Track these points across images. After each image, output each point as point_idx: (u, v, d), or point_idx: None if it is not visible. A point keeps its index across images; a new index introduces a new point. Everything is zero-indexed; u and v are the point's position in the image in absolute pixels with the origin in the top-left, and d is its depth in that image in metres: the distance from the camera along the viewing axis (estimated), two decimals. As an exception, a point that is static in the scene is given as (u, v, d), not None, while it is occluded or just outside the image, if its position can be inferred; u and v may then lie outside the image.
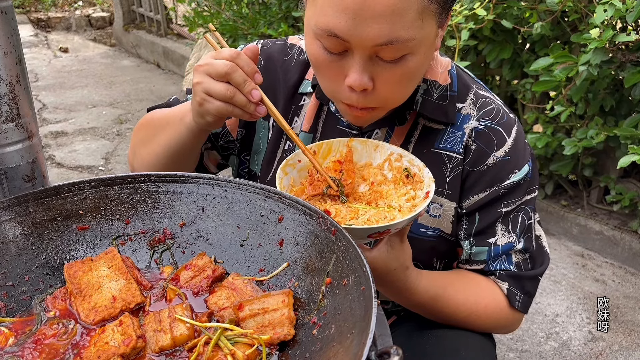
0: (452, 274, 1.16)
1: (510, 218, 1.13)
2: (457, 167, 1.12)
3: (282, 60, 1.22)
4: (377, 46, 0.91)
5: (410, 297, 1.08)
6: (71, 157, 4.12)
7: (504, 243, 1.12)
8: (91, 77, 6.02)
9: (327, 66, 0.98)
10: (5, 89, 0.96)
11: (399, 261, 1.00)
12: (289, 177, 1.03)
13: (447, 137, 1.12)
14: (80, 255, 0.91)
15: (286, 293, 0.81)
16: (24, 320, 0.81)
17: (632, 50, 2.40)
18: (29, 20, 8.03)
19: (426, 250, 1.15)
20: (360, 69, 0.94)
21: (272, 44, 1.25)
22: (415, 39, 0.92)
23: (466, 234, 1.14)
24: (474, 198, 1.12)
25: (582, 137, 2.68)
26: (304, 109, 1.20)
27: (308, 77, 1.20)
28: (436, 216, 1.13)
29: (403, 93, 1.03)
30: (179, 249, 0.94)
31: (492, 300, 1.13)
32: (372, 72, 0.95)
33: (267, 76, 1.21)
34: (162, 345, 0.76)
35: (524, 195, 1.13)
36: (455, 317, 1.12)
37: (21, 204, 0.89)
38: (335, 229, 0.80)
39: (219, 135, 1.25)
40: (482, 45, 2.97)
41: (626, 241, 2.87)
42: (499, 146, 1.11)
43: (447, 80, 1.13)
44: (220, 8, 4.21)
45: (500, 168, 1.11)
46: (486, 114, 1.12)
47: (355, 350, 0.63)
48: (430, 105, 1.11)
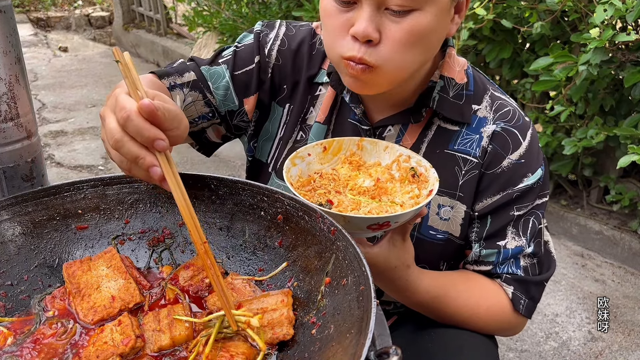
0: (456, 275, 1.15)
1: (521, 222, 1.12)
2: (473, 171, 1.10)
3: (308, 46, 1.20)
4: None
5: (411, 296, 1.07)
6: (70, 157, 4.12)
7: (514, 246, 1.11)
8: (91, 76, 6.01)
9: (335, 18, 0.97)
10: (4, 88, 0.96)
11: (400, 259, 1.00)
12: (297, 168, 1.03)
13: (462, 139, 1.11)
14: (79, 255, 0.90)
15: (285, 293, 0.81)
16: (22, 320, 0.81)
17: (632, 50, 2.40)
18: (29, 20, 8.02)
19: (434, 253, 1.15)
20: (367, 17, 0.94)
21: (297, 29, 1.22)
22: None
23: (477, 237, 1.13)
24: (487, 201, 1.11)
25: (582, 136, 2.68)
26: (320, 99, 1.18)
27: (324, 66, 1.19)
28: (446, 219, 1.12)
29: (406, 58, 0.99)
30: (178, 249, 0.94)
31: (496, 302, 1.12)
32: (379, 24, 0.95)
33: (294, 64, 1.19)
34: (161, 345, 0.76)
35: (535, 199, 1.12)
36: (457, 317, 1.12)
37: (20, 203, 0.89)
38: (335, 229, 0.80)
39: (235, 112, 1.19)
40: (481, 45, 2.96)
41: (626, 241, 2.87)
42: (514, 149, 1.10)
43: (464, 79, 1.12)
44: (220, 7, 4.21)
45: (514, 171, 1.10)
46: (502, 116, 1.11)
47: (354, 350, 0.63)
48: (447, 104, 1.10)
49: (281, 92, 1.20)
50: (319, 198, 0.96)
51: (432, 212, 1.12)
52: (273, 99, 1.20)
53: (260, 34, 1.20)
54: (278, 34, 1.20)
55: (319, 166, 1.05)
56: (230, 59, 1.18)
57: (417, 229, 1.13)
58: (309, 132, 1.18)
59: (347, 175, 1.02)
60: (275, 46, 1.19)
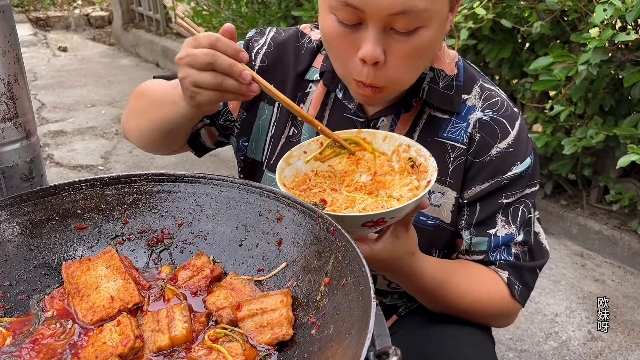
0: (454, 262, 1.16)
1: (510, 210, 1.13)
2: (460, 157, 1.13)
3: (294, 46, 1.23)
4: (392, 15, 0.92)
5: (417, 281, 1.07)
6: (70, 157, 4.12)
7: (504, 234, 1.13)
8: (90, 76, 6.01)
9: (341, 40, 0.99)
10: (3, 88, 0.96)
11: (405, 249, 1.00)
12: (292, 168, 1.03)
13: (452, 127, 1.13)
14: (78, 255, 0.90)
15: (285, 293, 0.81)
16: (21, 320, 0.81)
17: (631, 49, 2.40)
18: (28, 20, 8.02)
19: (425, 240, 1.15)
20: (374, 40, 0.95)
21: (285, 32, 1.26)
22: (429, 10, 0.93)
23: (466, 224, 1.15)
24: (476, 188, 1.13)
25: (581, 136, 2.68)
26: (310, 96, 1.20)
27: (315, 64, 1.21)
28: (437, 205, 1.14)
29: (412, 71, 1.03)
30: (177, 249, 0.93)
31: (495, 288, 1.13)
32: (385, 45, 0.96)
33: (280, 63, 1.22)
34: (160, 345, 0.76)
35: (524, 188, 1.14)
36: (460, 303, 1.12)
37: (19, 203, 0.89)
38: (334, 229, 0.80)
39: (220, 112, 1.25)
40: (481, 44, 2.96)
41: (625, 241, 2.87)
42: (502, 138, 1.12)
43: (454, 71, 1.14)
44: (220, 7, 4.21)
45: (502, 159, 1.11)
46: (491, 105, 1.14)
47: (354, 350, 0.63)
48: (437, 94, 1.12)
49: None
50: (313, 197, 0.96)
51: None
52: (262, 99, 1.23)
53: (250, 40, 1.25)
54: (266, 40, 1.24)
55: (317, 163, 1.04)
56: None
57: None
58: (302, 127, 1.20)
59: (344, 171, 1.02)
60: (262, 50, 1.23)
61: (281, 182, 0.97)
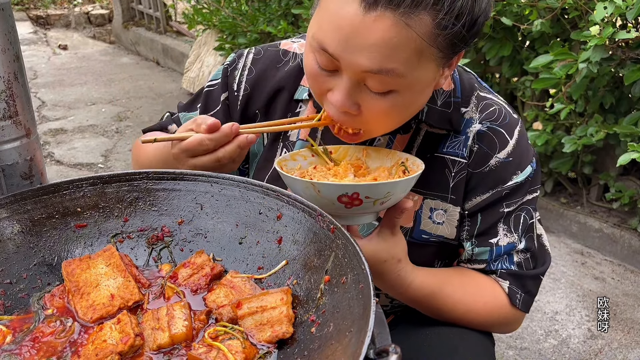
0: (451, 271, 1.16)
1: (512, 218, 1.12)
2: (462, 172, 1.11)
3: (275, 68, 1.21)
4: (365, 72, 0.90)
5: (405, 291, 1.07)
6: (70, 155, 4.12)
7: (506, 243, 1.12)
8: (90, 74, 6.01)
9: (317, 79, 0.97)
10: (3, 86, 0.95)
11: (390, 253, 1.00)
12: (296, 163, 1.04)
13: (451, 142, 1.11)
14: (79, 253, 0.90)
15: (285, 291, 0.81)
16: (21, 318, 0.81)
17: (632, 47, 2.40)
18: (28, 18, 8.02)
19: (428, 255, 1.16)
20: (344, 91, 0.93)
21: (265, 51, 1.24)
22: (406, 77, 0.90)
23: (468, 235, 1.14)
24: (477, 199, 1.11)
25: (581, 134, 2.68)
26: (301, 115, 1.18)
27: (303, 83, 1.19)
28: (439, 223, 1.13)
29: (390, 124, 1.01)
30: (177, 247, 0.93)
31: (492, 298, 1.12)
32: (359, 98, 0.94)
33: (261, 87, 1.21)
34: (160, 343, 0.76)
35: (525, 195, 1.12)
36: (454, 314, 1.12)
37: (19, 201, 0.89)
38: (334, 227, 0.80)
39: None
40: (481, 42, 2.96)
41: (625, 239, 2.87)
42: (501, 148, 1.10)
43: (451, 86, 1.12)
44: (220, 5, 4.20)
45: (502, 170, 1.10)
46: (488, 115, 1.11)
47: (354, 348, 0.63)
48: (435, 114, 1.10)
49: (255, 118, 1.22)
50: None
51: (425, 216, 1.13)
52: None
53: (228, 69, 1.23)
54: (246, 63, 1.23)
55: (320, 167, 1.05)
56: (202, 101, 1.25)
57: (410, 233, 1.13)
58: (292, 148, 1.19)
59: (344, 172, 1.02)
60: (244, 78, 1.22)
61: (279, 164, 0.98)
